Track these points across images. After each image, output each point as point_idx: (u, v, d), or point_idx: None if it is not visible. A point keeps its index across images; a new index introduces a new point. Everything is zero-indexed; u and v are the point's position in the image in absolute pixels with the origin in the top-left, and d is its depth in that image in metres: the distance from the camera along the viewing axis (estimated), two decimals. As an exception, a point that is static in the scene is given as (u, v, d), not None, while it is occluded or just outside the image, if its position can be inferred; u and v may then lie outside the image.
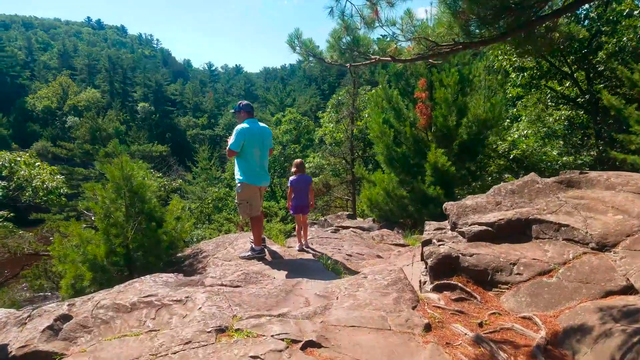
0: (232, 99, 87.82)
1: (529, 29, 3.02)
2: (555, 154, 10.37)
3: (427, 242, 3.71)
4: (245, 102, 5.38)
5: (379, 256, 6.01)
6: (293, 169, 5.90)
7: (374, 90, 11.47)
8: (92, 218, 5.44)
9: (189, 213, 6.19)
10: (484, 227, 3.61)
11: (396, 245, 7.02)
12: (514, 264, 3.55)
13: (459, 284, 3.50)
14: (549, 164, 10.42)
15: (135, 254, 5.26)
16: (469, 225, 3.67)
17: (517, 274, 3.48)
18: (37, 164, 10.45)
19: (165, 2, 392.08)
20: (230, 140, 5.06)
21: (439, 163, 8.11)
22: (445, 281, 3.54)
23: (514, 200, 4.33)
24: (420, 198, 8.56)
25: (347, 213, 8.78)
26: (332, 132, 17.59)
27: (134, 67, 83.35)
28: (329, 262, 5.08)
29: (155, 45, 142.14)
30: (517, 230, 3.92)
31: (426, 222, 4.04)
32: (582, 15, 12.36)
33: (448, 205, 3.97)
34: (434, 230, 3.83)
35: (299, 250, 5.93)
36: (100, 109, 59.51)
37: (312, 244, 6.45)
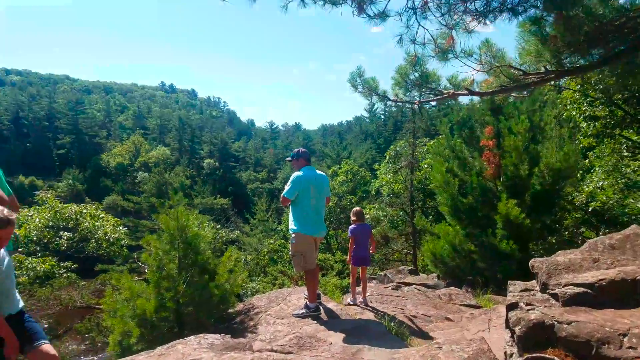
0: (290, 154, 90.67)
1: (629, 56, 2.58)
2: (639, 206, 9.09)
3: (512, 306, 3.10)
4: (302, 149, 5.25)
5: (448, 319, 5.30)
6: (353, 218, 5.56)
7: (435, 139, 11.09)
8: (147, 270, 5.37)
9: (242, 265, 5.95)
10: (582, 289, 2.95)
11: (467, 306, 6.23)
12: (624, 335, 2.82)
13: (556, 359, 2.82)
14: (633, 217, 9.14)
15: (186, 309, 5.04)
16: (563, 287, 3.02)
17: (630, 347, 2.73)
18: (101, 215, 11.01)
19: (233, 67, 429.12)
20: (286, 187, 4.88)
21: (512, 215, 7.35)
22: (539, 354, 2.87)
23: (615, 257, 3.60)
24: (491, 253, 7.73)
25: (409, 268, 8.10)
26: (390, 182, 17.17)
27: (202, 127, 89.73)
28: (393, 324, 4.50)
29: (222, 107, 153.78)
30: (622, 293, 3.19)
31: (510, 282, 3.43)
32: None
33: (536, 263, 3.36)
34: (520, 291, 3.22)
35: (352, 304, 5.42)
36: (168, 165, 63.97)
37: (371, 301, 5.89)
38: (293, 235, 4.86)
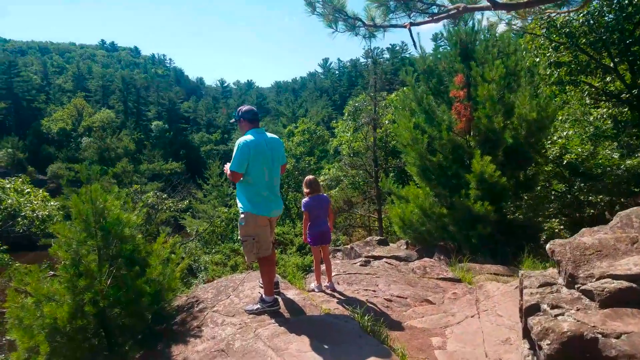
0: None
1: None
2: (616, 157, 8.80)
3: (532, 309, 2.32)
4: (245, 107, 4.12)
5: (428, 300, 4.60)
6: (305, 190, 4.62)
7: (399, 91, 10.18)
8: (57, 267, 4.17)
9: (181, 252, 4.86)
10: (625, 283, 2.22)
11: (444, 279, 5.60)
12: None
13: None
14: (608, 169, 8.85)
15: (111, 313, 3.96)
16: (598, 280, 2.28)
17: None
18: (27, 190, 9.39)
19: (177, 23, 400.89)
20: (233, 159, 3.81)
21: (487, 173, 6.69)
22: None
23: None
24: (464, 216, 7.13)
25: (377, 238, 7.38)
26: (350, 141, 16.21)
27: (147, 87, 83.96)
28: (367, 318, 3.71)
29: (168, 65, 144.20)
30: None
31: (522, 273, 2.64)
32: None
33: (556, 247, 2.56)
34: (539, 286, 2.44)
35: (317, 291, 4.62)
36: (114, 129, 59.64)
37: (338, 283, 5.09)
38: (242, 215, 3.84)
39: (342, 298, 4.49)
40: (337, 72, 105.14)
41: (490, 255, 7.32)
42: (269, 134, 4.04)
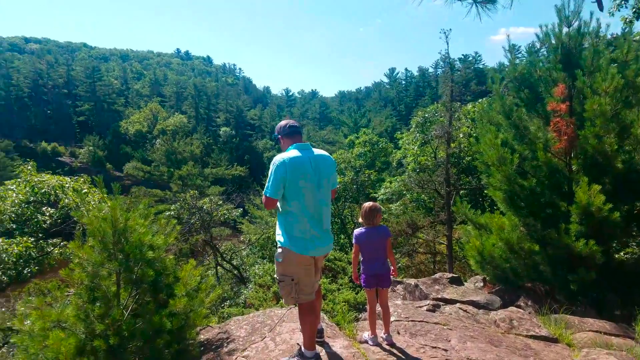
0: (307, 122, 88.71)
1: None
2: None
3: None
4: (287, 122, 3.36)
5: (521, 374, 3.48)
6: (361, 220, 3.73)
7: (480, 101, 8.90)
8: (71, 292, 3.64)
9: (212, 280, 4.15)
10: None
11: (537, 338, 4.39)
12: None
13: None
14: None
15: (126, 347, 3.32)
16: None
17: None
18: (84, 190, 9.41)
19: (248, 34, 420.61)
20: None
21: (594, 205, 5.33)
22: None
23: None
24: (561, 256, 5.78)
25: (449, 276, 6.19)
26: (416, 155, 14.86)
27: (217, 94, 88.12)
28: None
29: (237, 74, 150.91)
30: None
31: None
32: None
33: None
34: None
35: (371, 344, 3.68)
36: (185, 133, 63.08)
37: (398, 333, 4.10)
38: (279, 250, 3.06)
39: (402, 357, 3.51)
40: (403, 81, 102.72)
41: (593, 306, 5.88)
42: (317, 151, 3.22)
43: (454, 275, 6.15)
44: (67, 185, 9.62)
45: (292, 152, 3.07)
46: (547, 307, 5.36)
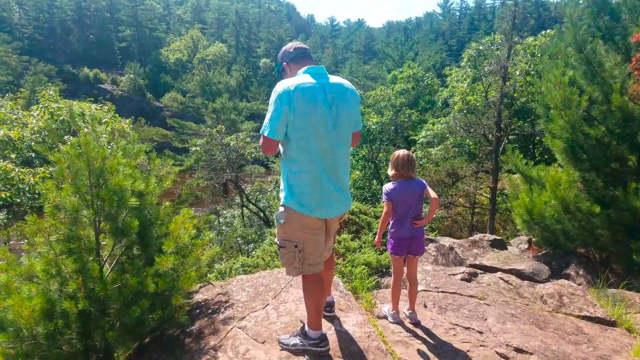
0: (351, 55, 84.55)
1: None
2: None
3: None
4: (292, 44, 2.59)
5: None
6: (391, 171, 3.00)
7: (546, 33, 7.36)
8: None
9: (209, 235, 3.61)
10: None
11: (590, 319, 3.69)
12: None
13: None
14: None
15: (104, 310, 2.90)
16: None
17: None
18: (104, 120, 9.04)
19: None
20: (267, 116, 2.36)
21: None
22: None
23: None
24: (626, 220, 4.86)
25: (490, 238, 5.38)
26: (465, 94, 13.21)
27: (259, 22, 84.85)
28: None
29: (281, 0, 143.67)
30: None
31: None
32: None
33: None
34: None
35: (391, 321, 3.13)
36: (226, 64, 61.82)
37: (424, 306, 3.52)
38: (282, 209, 2.43)
39: (428, 340, 2.95)
40: (457, 13, 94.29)
41: (658, 281, 5.02)
42: (335, 79, 2.43)
43: (496, 237, 5.37)
44: (88, 113, 9.29)
45: (301, 78, 2.31)
46: (602, 279, 4.56)
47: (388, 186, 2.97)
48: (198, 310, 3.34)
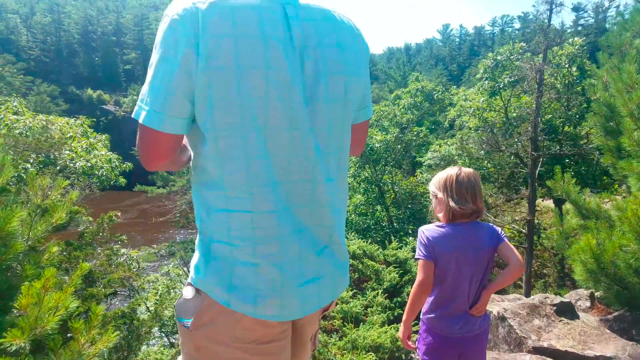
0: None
1: None
2: None
3: None
4: None
5: None
6: (440, 206, 1.56)
7: (577, 40, 5.84)
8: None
9: (101, 310, 2.06)
10: None
11: None
12: None
13: None
14: None
15: None
16: None
17: None
18: (69, 134, 7.82)
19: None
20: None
21: None
22: None
23: None
24: None
25: (555, 301, 3.83)
26: (481, 110, 11.62)
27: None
28: None
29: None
30: None
31: None
32: None
33: None
34: None
35: None
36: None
37: None
38: (189, 294, 0.96)
39: None
40: (457, 39, 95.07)
41: None
42: (312, 2, 1.01)
43: (562, 299, 3.87)
44: (53, 127, 8.06)
45: None
46: None
47: (430, 231, 1.55)
48: None
